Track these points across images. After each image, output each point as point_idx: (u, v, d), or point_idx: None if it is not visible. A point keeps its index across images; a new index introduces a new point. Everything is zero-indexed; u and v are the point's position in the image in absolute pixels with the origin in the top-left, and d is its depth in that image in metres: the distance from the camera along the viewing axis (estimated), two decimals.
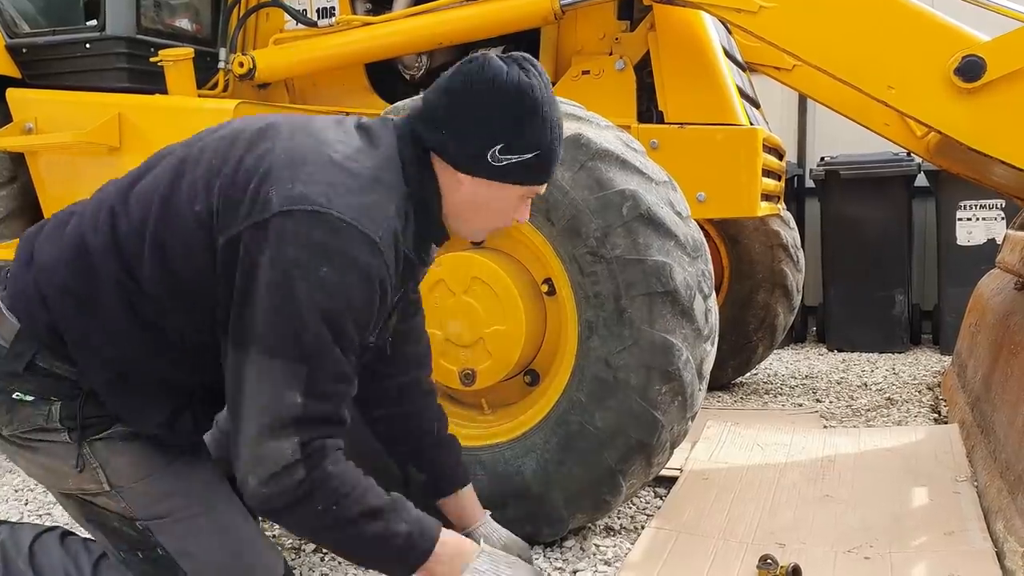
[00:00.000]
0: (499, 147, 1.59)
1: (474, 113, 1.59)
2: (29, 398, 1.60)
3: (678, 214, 2.24)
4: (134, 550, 1.69)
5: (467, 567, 1.68)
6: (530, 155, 1.61)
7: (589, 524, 2.46)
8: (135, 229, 1.57)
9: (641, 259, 2.13)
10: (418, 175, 1.63)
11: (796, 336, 6.02)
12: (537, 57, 3.16)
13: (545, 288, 2.37)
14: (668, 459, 2.38)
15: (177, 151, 1.66)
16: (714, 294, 2.30)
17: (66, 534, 1.84)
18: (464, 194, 1.65)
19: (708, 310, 2.24)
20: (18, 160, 3.46)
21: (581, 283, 2.20)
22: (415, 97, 1.78)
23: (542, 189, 1.72)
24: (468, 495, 2.06)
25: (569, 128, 2.21)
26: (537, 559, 2.31)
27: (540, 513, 2.30)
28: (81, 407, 1.60)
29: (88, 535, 1.80)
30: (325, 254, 1.45)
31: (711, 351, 2.28)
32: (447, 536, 1.68)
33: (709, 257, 2.31)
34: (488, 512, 2.08)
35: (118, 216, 1.60)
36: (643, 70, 3.08)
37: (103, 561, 1.75)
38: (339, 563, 2.33)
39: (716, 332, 2.30)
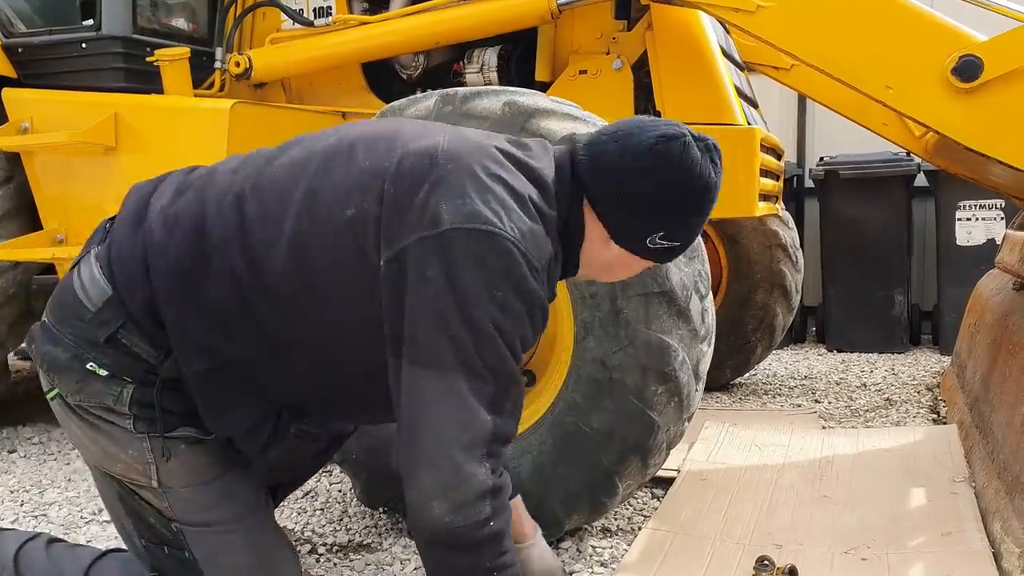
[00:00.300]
0: (661, 234, 1.57)
1: (654, 195, 1.54)
2: (103, 372, 1.54)
3: None
4: (162, 544, 1.67)
5: None
6: (679, 244, 1.61)
7: (586, 525, 2.45)
8: (270, 218, 1.50)
9: None
10: (570, 218, 1.57)
11: (795, 336, 6.01)
12: (534, 56, 3.20)
13: None
14: (664, 460, 2.37)
15: (321, 141, 1.59)
16: (711, 294, 2.29)
17: (52, 540, 1.81)
18: (606, 257, 1.62)
19: (704, 310, 2.23)
20: (14, 160, 3.46)
21: (577, 283, 2.19)
22: (583, 135, 1.65)
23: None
24: (519, 507, 1.94)
25: (565, 128, 2.20)
26: None
27: (536, 515, 2.26)
28: (158, 396, 1.54)
29: (79, 539, 1.79)
30: (500, 276, 1.41)
31: (708, 352, 2.27)
32: None
33: (706, 257, 2.30)
34: (539, 530, 1.97)
35: (246, 202, 1.52)
36: (640, 70, 3.07)
37: (92, 569, 1.74)
38: (334, 564, 2.32)
39: (713, 332, 2.29)
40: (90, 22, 3.47)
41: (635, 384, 2.14)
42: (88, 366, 1.53)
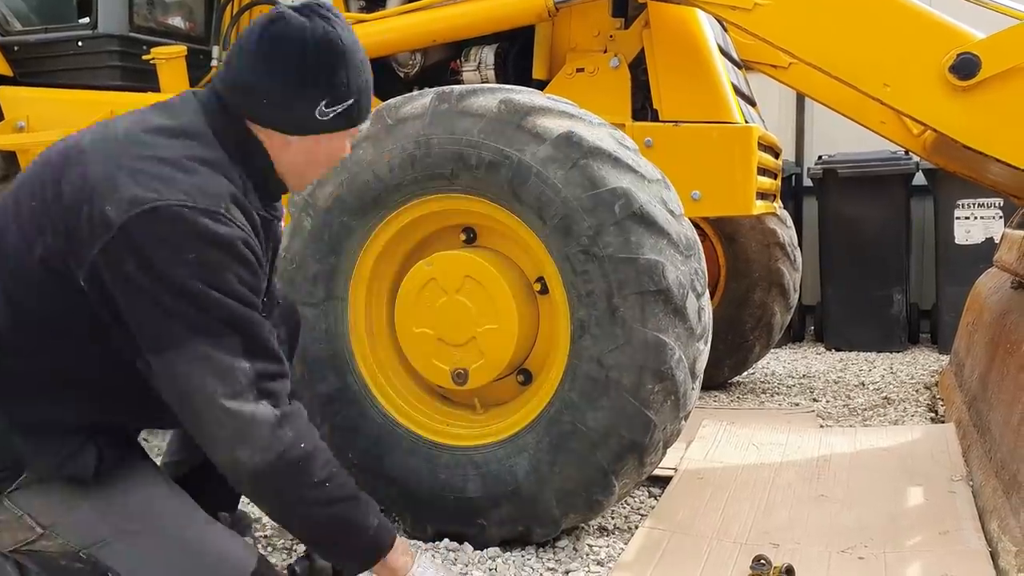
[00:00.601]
0: (325, 102, 1.60)
1: (292, 75, 1.58)
2: None
3: (671, 212, 2.23)
4: None
5: (418, 559, 1.72)
6: (351, 101, 1.64)
7: (582, 524, 2.45)
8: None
9: (633, 258, 2.12)
10: (240, 145, 1.62)
11: (793, 335, 6.01)
12: (531, 54, 3.19)
13: (538, 287, 2.36)
14: (661, 459, 2.37)
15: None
16: (707, 293, 2.29)
17: None
18: (296, 153, 1.66)
19: (701, 308, 2.23)
20: (10, 158, 3.46)
21: (573, 282, 2.18)
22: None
23: (363, 127, 1.77)
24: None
25: (561, 125, 2.20)
26: (530, 559, 2.30)
27: (532, 513, 2.29)
28: None
29: None
30: (183, 239, 1.45)
31: (704, 350, 2.26)
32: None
33: (703, 255, 2.30)
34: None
35: None
36: (638, 68, 3.06)
37: None
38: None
39: (710, 331, 2.29)
40: (86, 20, 3.46)
41: (632, 383, 2.14)
42: None
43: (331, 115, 1.62)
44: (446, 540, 2.37)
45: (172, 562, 1.62)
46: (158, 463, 1.88)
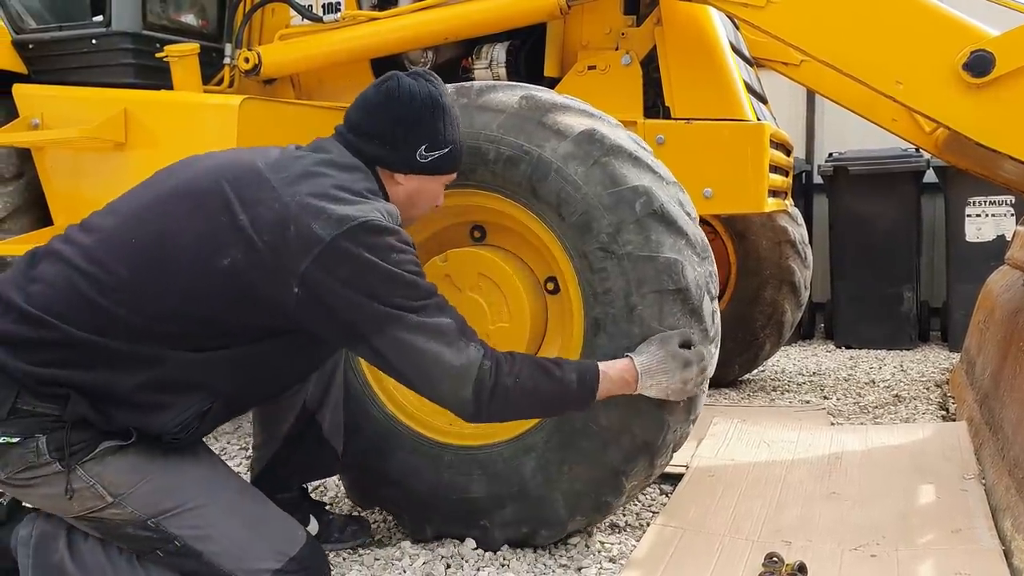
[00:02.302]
0: (424, 147, 1.92)
1: (401, 123, 1.91)
2: (15, 440, 1.69)
3: (687, 214, 2.22)
4: (153, 550, 1.78)
5: (638, 353, 2.04)
6: (447, 149, 1.96)
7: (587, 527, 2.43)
8: (154, 281, 1.72)
9: (653, 256, 2.11)
10: (380, 184, 1.93)
11: (804, 333, 6.00)
12: (543, 52, 3.19)
13: (550, 286, 2.36)
14: (669, 461, 2.36)
15: (132, 205, 1.83)
16: (718, 297, 2.28)
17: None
18: (402, 191, 1.96)
19: (714, 311, 2.22)
20: (24, 156, 3.47)
21: (590, 279, 2.17)
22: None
23: (454, 176, 2.05)
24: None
25: (582, 124, 2.20)
26: (542, 556, 2.31)
27: (539, 515, 2.26)
28: (68, 436, 1.69)
29: None
30: (386, 245, 1.75)
31: (715, 354, 2.23)
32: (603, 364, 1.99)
33: (714, 259, 2.29)
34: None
35: (120, 267, 1.73)
36: (649, 65, 3.07)
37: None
38: (343, 559, 2.33)
39: (719, 335, 2.26)
40: (100, 18, 3.47)
41: None
42: (1, 440, 1.69)
43: (430, 159, 1.94)
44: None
45: (232, 531, 1.80)
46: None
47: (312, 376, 2.20)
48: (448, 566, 2.25)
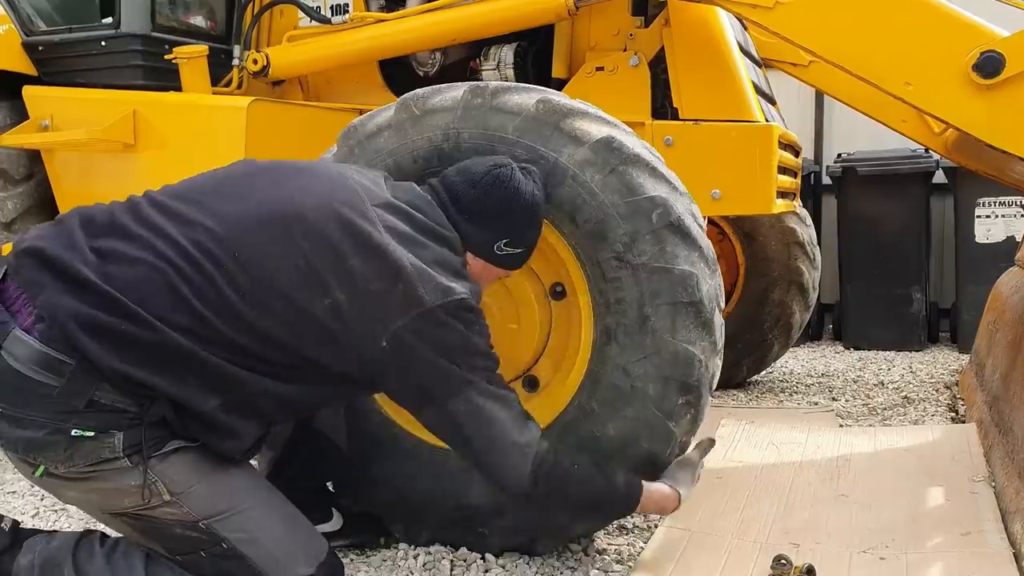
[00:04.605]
0: (505, 241, 1.99)
1: (497, 211, 1.96)
2: (90, 433, 1.65)
3: (700, 226, 2.20)
4: (198, 550, 1.79)
5: (674, 476, 2.12)
6: (522, 250, 2.03)
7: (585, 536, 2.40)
8: (251, 301, 1.71)
9: (668, 268, 2.08)
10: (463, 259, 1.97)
11: (812, 334, 5.98)
12: (550, 53, 3.19)
13: (558, 291, 2.32)
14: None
15: (234, 207, 1.78)
16: (726, 298, 2.27)
17: (104, 537, 1.88)
18: (470, 267, 1.98)
19: (722, 324, 2.20)
20: (34, 157, 3.49)
21: (602, 288, 2.13)
22: (439, 179, 2.04)
23: (510, 273, 2.12)
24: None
25: (600, 131, 2.17)
26: (549, 557, 2.31)
27: (539, 524, 2.24)
28: (145, 434, 1.68)
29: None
30: (470, 323, 1.82)
31: (720, 365, 2.23)
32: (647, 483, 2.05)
33: (719, 270, 2.26)
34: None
35: (224, 270, 1.70)
36: (658, 66, 3.06)
37: (151, 560, 1.82)
38: (351, 560, 2.33)
39: (723, 346, 2.24)
40: (109, 20, 3.49)
41: (657, 393, 2.10)
42: (73, 433, 1.64)
43: (504, 254, 2.00)
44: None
45: (274, 536, 1.83)
46: None
47: None
48: (454, 567, 2.25)
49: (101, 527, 2.01)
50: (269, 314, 1.70)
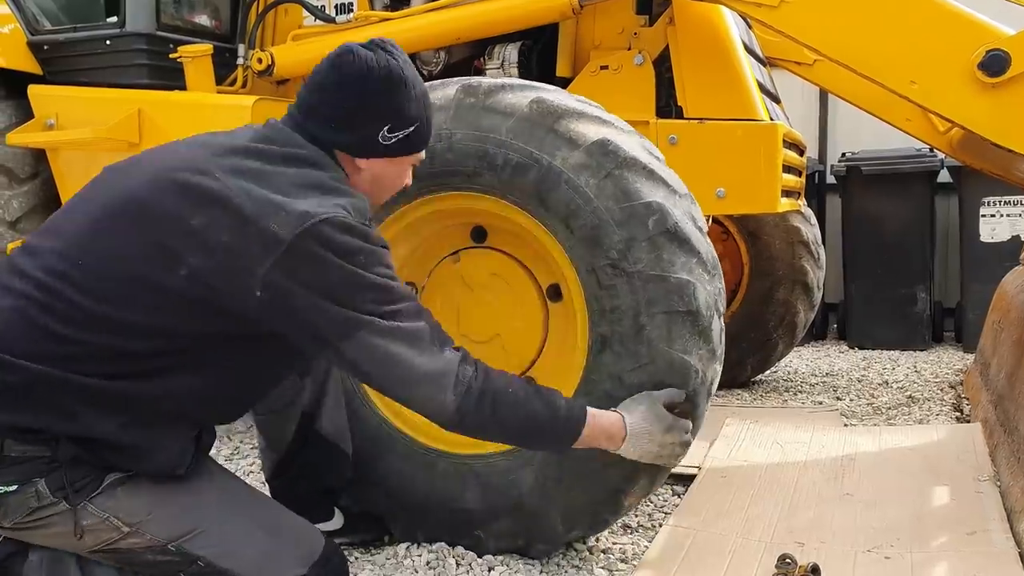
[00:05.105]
0: (386, 128, 1.77)
1: (357, 103, 1.75)
2: (13, 488, 1.62)
3: (699, 229, 2.14)
4: (177, 572, 1.73)
5: (625, 409, 1.97)
6: (412, 128, 1.80)
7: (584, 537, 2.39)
8: (107, 299, 1.61)
9: (664, 276, 2.04)
10: (339, 171, 1.79)
11: (816, 333, 5.98)
12: (554, 52, 3.19)
13: (556, 292, 2.31)
14: (669, 473, 2.30)
15: (76, 221, 1.69)
16: (731, 296, 2.24)
17: None
18: (364, 175, 1.82)
19: (721, 329, 2.15)
20: (39, 156, 3.50)
21: (598, 295, 2.10)
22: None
23: (423, 155, 1.90)
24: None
25: (596, 132, 2.12)
26: (555, 556, 2.30)
27: (534, 529, 2.22)
28: (66, 476, 1.62)
29: None
30: (351, 243, 1.63)
31: (720, 370, 2.19)
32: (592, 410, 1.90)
33: (722, 274, 2.22)
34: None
35: (69, 291, 1.61)
36: (662, 65, 3.05)
37: None
38: (355, 558, 2.33)
39: (724, 351, 2.21)
40: (114, 19, 3.49)
41: None
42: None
43: (393, 140, 1.78)
44: None
45: (255, 544, 1.75)
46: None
47: (307, 381, 2.18)
48: (458, 565, 2.25)
49: None
50: (130, 305, 1.60)
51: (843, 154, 5.81)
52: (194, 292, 1.60)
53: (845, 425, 3.62)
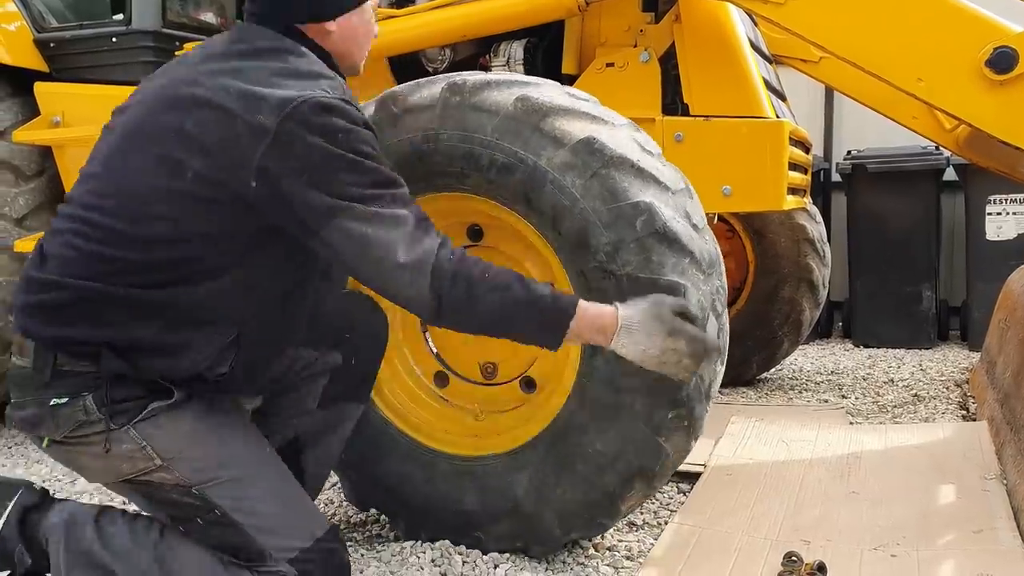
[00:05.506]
0: None
1: None
2: (63, 400, 1.73)
3: (694, 227, 2.09)
4: (194, 518, 1.80)
5: (621, 311, 1.80)
6: None
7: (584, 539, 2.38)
8: (137, 217, 1.71)
9: (654, 278, 1.99)
10: (310, 51, 1.82)
11: (822, 331, 5.97)
12: (560, 49, 3.19)
13: None
14: (668, 478, 2.28)
15: (100, 157, 1.81)
16: (727, 310, 2.18)
17: (125, 511, 1.92)
18: (336, 38, 1.86)
19: (720, 329, 2.09)
20: (45, 153, 3.51)
21: (588, 298, 2.00)
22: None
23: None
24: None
25: (582, 129, 2.07)
26: (560, 553, 2.30)
27: (532, 531, 2.21)
28: (108, 392, 1.72)
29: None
30: (332, 126, 1.66)
31: (720, 371, 2.16)
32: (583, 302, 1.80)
33: (724, 271, 2.18)
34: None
35: (106, 215, 1.73)
36: (668, 62, 3.04)
37: (167, 529, 1.85)
38: (361, 555, 2.33)
39: (726, 350, 2.17)
40: (120, 17, 3.50)
41: (645, 409, 2.04)
42: (52, 403, 1.73)
43: None
44: None
45: (270, 507, 1.82)
46: None
47: (318, 412, 2.17)
48: (464, 562, 2.25)
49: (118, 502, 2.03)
50: (156, 219, 1.70)
51: (848, 152, 5.80)
52: (204, 192, 1.68)
53: (851, 423, 3.62)
